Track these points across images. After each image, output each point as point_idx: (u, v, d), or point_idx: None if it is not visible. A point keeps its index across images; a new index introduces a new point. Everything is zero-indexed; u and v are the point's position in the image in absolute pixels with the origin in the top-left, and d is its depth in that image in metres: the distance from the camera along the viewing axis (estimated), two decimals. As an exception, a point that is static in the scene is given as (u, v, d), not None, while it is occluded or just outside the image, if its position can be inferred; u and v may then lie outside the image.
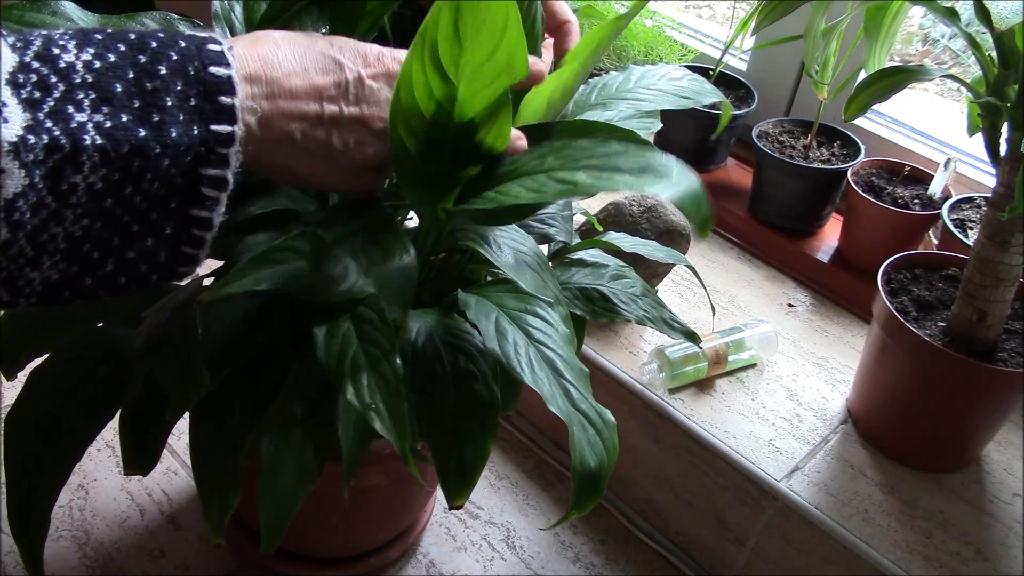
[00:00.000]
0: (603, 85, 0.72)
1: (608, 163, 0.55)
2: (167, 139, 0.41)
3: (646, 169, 0.54)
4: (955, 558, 0.81)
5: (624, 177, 0.53)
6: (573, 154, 0.56)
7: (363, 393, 0.52)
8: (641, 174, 0.53)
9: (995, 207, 0.75)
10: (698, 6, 1.61)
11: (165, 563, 0.89)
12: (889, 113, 1.20)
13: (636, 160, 0.54)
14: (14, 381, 0.67)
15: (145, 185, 0.41)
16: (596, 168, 0.54)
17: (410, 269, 0.53)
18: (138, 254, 0.43)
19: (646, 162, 0.54)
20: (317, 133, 0.48)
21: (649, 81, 0.72)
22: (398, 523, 0.89)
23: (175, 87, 0.41)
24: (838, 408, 0.96)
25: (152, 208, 0.42)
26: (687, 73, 0.73)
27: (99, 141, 0.39)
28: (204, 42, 0.43)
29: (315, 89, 0.47)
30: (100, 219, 0.41)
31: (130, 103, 0.40)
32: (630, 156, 0.54)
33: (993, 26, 0.69)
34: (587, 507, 0.54)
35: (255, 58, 0.45)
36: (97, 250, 0.42)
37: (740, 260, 1.17)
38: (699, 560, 0.96)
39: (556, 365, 0.56)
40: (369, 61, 0.50)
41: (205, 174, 0.43)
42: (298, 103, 0.47)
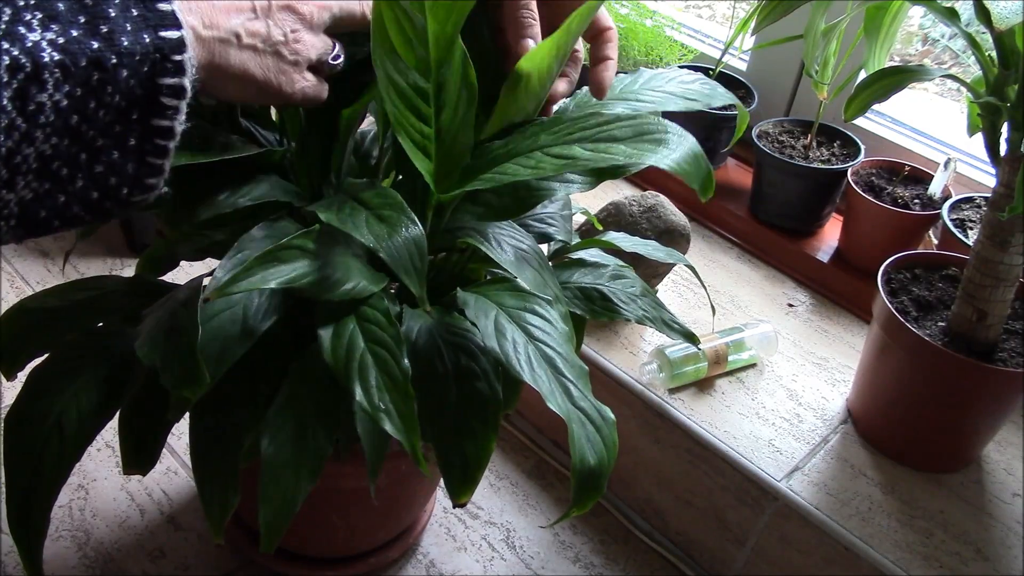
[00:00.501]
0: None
1: (602, 133, 0.55)
2: (120, 48, 0.41)
3: (642, 134, 0.54)
4: (955, 558, 0.81)
5: (620, 147, 0.53)
6: (564, 128, 0.56)
7: (372, 395, 0.52)
8: (638, 141, 0.53)
9: (995, 207, 0.75)
10: (698, 6, 1.61)
11: (165, 563, 0.89)
12: (889, 113, 1.20)
13: (630, 127, 0.54)
14: (14, 381, 0.67)
15: (107, 98, 0.42)
16: (590, 140, 0.54)
17: (419, 239, 0.53)
18: (106, 167, 0.44)
19: (640, 127, 0.54)
20: (257, 26, 0.49)
21: (657, 83, 0.71)
22: (398, 523, 0.89)
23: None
24: (838, 408, 0.96)
25: (115, 121, 0.43)
26: (699, 77, 0.73)
27: (57, 56, 0.39)
28: None
29: None
30: (67, 136, 0.42)
31: (76, 18, 0.41)
32: (623, 124, 0.54)
33: (993, 26, 0.69)
34: (587, 505, 0.54)
35: None
36: (67, 167, 0.43)
37: (740, 260, 1.17)
38: (699, 560, 0.96)
39: (555, 363, 0.56)
40: None
41: (163, 83, 0.43)
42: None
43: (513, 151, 0.56)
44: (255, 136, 0.67)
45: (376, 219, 0.54)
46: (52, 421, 0.61)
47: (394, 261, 0.52)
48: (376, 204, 0.56)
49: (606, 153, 0.53)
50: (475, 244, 0.61)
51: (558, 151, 0.54)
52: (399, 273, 0.52)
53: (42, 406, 0.61)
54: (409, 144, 0.56)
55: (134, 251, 1.24)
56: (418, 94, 0.55)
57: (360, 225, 0.54)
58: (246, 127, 0.67)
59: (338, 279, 0.55)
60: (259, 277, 0.52)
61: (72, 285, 0.68)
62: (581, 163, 0.52)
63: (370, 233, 0.53)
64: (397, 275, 0.52)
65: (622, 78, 0.72)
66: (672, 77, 0.72)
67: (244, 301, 0.60)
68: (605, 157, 0.52)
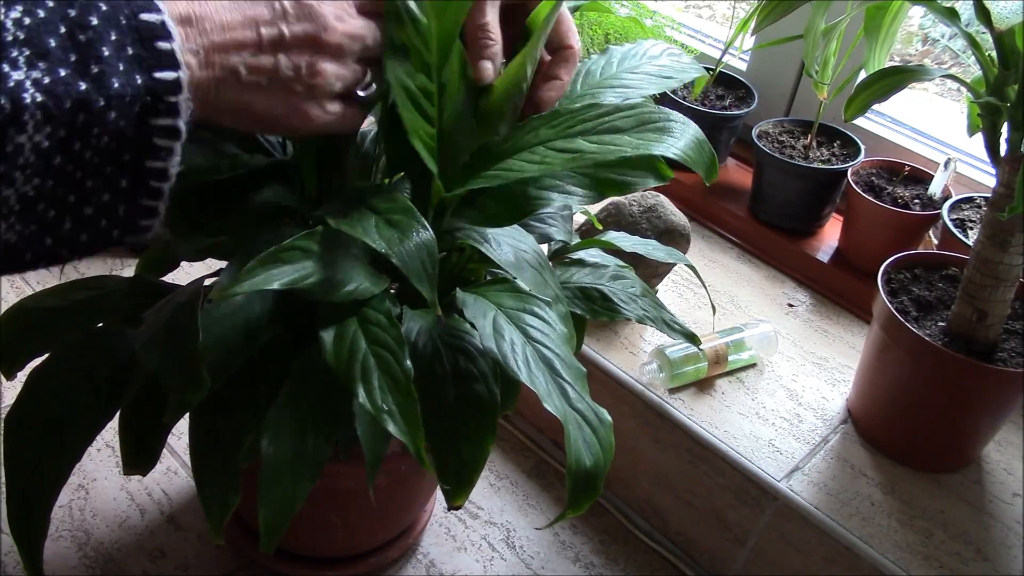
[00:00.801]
0: (586, 72, 0.71)
1: (604, 124, 0.55)
2: (110, 90, 0.40)
3: (645, 124, 0.54)
4: (955, 558, 0.81)
5: (625, 137, 0.53)
6: (565, 121, 0.56)
7: (375, 396, 0.52)
8: (642, 131, 0.53)
9: (995, 207, 0.75)
10: (698, 6, 1.61)
11: (165, 563, 0.89)
12: (889, 113, 1.20)
13: (632, 116, 0.54)
14: (14, 381, 0.67)
15: (94, 140, 0.41)
16: (593, 132, 0.54)
17: (430, 244, 0.53)
18: (96, 209, 0.43)
19: (642, 116, 0.54)
20: (262, 61, 0.47)
21: (632, 63, 0.71)
22: (398, 523, 0.89)
23: (109, 37, 0.41)
24: (838, 408, 0.96)
25: (105, 162, 0.42)
26: (666, 48, 0.73)
27: (39, 98, 0.38)
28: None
29: (248, 18, 0.46)
30: (52, 177, 0.40)
31: (66, 57, 0.39)
32: (624, 114, 0.55)
33: (993, 26, 0.69)
34: (583, 507, 0.54)
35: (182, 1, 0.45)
36: (53, 209, 0.41)
37: (740, 260, 1.17)
38: (699, 560, 0.96)
39: (553, 364, 0.56)
40: None
41: (156, 124, 0.42)
42: (232, 33, 0.46)
43: (515, 146, 0.56)
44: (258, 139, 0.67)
45: (386, 224, 0.54)
46: (52, 421, 0.61)
47: (406, 266, 0.52)
48: (385, 209, 0.56)
49: (612, 145, 0.53)
50: (475, 245, 0.61)
51: (562, 145, 0.54)
52: (411, 278, 0.52)
53: (42, 406, 0.61)
54: (421, 147, 0.56)
55: (134, 251, 1.24)
56: (424, 96, 0.55)
57: (370, 230, 0.53)
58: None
59: (340, 280, 0.55)
60: (262, 278, 0.52)
61: (72, 285, 0.68)
62: (588, 156, 0.52)
63: (380, 238, 0.53)
64: (410, 280, 0.52)
65: (597, 60, 0.71)
66: (642, 53, 0.72)
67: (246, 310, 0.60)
68: (612, 149, 0.52)
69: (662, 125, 0.54)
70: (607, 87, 0.69)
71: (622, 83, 0.69)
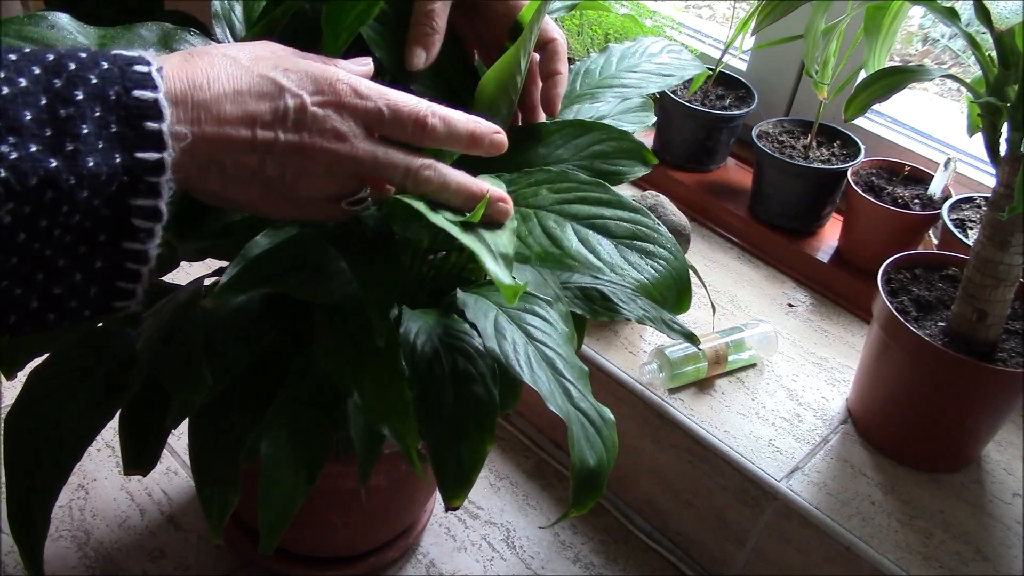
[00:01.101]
0: (586, 71, 0.71)
1: (597, 221, 0.54)
2: (82, 169, 0.38)
3: (633, 238, 0.54)
4: (955, 558, 0.81)
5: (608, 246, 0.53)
6: (568, 188, 0.55)
7: (368, 397, 0.52)
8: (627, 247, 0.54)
9: (995, 207, 0.75)
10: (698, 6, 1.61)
11: (165, 563, 0.89)
12: (889, 113, 1.20)
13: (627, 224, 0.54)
14: (14, 381, 0.67)
15: (62, 218, 0.39)
16: (585, 224, 0.54)
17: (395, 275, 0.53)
18: (66, 290, 0.41)
19: (635, 228, 0.54)
20: (248, 160, 0.45)
21: (631, 62, 0.71)
22: (398, 523, 0.89)
23: (92, 113, 0.39)
24: (838, 408, 0.96)
25: (78, 242, 0.40)
26: (665, 45, 0.73)
27: (2, 174, 0.36)
28: (130, 62, 0.41)
29: (247, 115, 0.44)
30: (15, 254, 0.39)
31: (40, 132, 0.38)
32: (622, 214, 0.54)
33: (993, 26, 0.69)
34: (586, 506, 0.54)
35: (183, 79, 0.43)
36: (19, 286, 0.40)
37: (740, 260, 1.17)
38: (699, 560, 0.96)
39: (555, 364, 0.56)
40: (320, 87, 0.46)
41: (134, 204, 0.40)
42: (226, 128, 0.44)
43: (517, 193, 0.55)
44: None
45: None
46: (52, 421, 0.61)
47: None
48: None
49: (593, 255, 0.51)
50: (475, 245, 0.61)
51: (552, 227, 0.52)
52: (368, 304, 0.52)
53: (42, 406, 0.61)
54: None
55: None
56: None
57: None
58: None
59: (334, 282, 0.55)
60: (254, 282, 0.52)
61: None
62: (567, 261, 0.51)
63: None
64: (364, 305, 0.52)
65: (596, 59, 0.72)
66: (642, 51, 0.72)
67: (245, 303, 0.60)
68: (590, 262, 0.51)
69: (650, 248, 0.52)
70: (606, 87, 0.69)
71: (621, 82, 0.69)
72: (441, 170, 0.49)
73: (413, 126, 0.48)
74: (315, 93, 0.46)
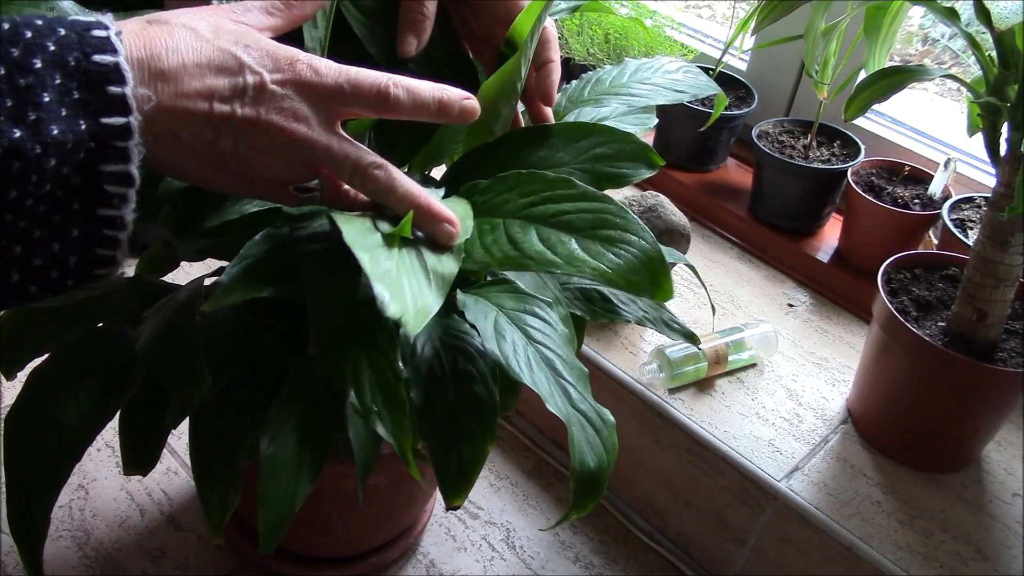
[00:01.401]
0: (596, 80, 0.71)
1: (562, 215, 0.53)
2: (47, 137, 0.38)
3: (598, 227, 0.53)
4: (955, 558, 0.81)
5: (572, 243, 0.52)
6: (538, 192, 0.54)
7: (364, 396, 0.51)
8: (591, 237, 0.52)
9: (995, 207, 0.75)
10: (698, 6, 1.61)
11: (165, 563, 0.89)
12: (889, 113, 1.20)
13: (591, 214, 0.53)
14: (14, 381, 0.67)
15: (32, 188, 0.38)
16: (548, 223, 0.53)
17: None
18: (45, 260, 0.41)
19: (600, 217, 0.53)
20: (203, 133, 0.44)
21: (644, 75, 0.71)
22: (398, 523, 0.89)
23: (53, 81, 0.38)
24: (838, 408, 0.96)
25: (52, 211, 0.40)
26: (683, 65, 0.73)
27: None
28: (88, 27, 0.40)
29: (206, 88, 0.43)
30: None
31: (1, 103, 0.37)
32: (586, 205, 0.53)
33: (993, 26, 0.69)
34: (587, 507, 0.54)
35: (140, 47, 0.42)
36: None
37: (740, 260, 1.17)
38: (699, 560, 0.96)
39: (555, 365, 0.56)
40: (279, 66, 0.45)
41: (104, 170, 0.40)
42: (183, 100, 0.43)
43: (487, 205, 0.55)
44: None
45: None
46: (52, 421, 0.61)
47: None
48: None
49: (551, 251, 0.51)
50: (475, 246, 0.61)
51: (515, 232, 0.52)
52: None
53: (42, 406, 0.61)
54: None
55: (134, 251, 1.24)
56: None
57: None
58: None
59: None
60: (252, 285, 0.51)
61: (72, 285, 0.68)
62: (526, 261, 0.51)
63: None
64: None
65: (609, 70, 0.72)
66: (658, 67, 0.72)
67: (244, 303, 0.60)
68: (547, 258, 0.50)
69: (613, 235, 0.52)
70: (612, 94, 0.69)
71: (629, 92, 0.69)
72: (392, 173, 0.48)
73: (375, 97, 0.47)
74: (275, 71, 0.45)
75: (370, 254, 0.45)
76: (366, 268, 0.43)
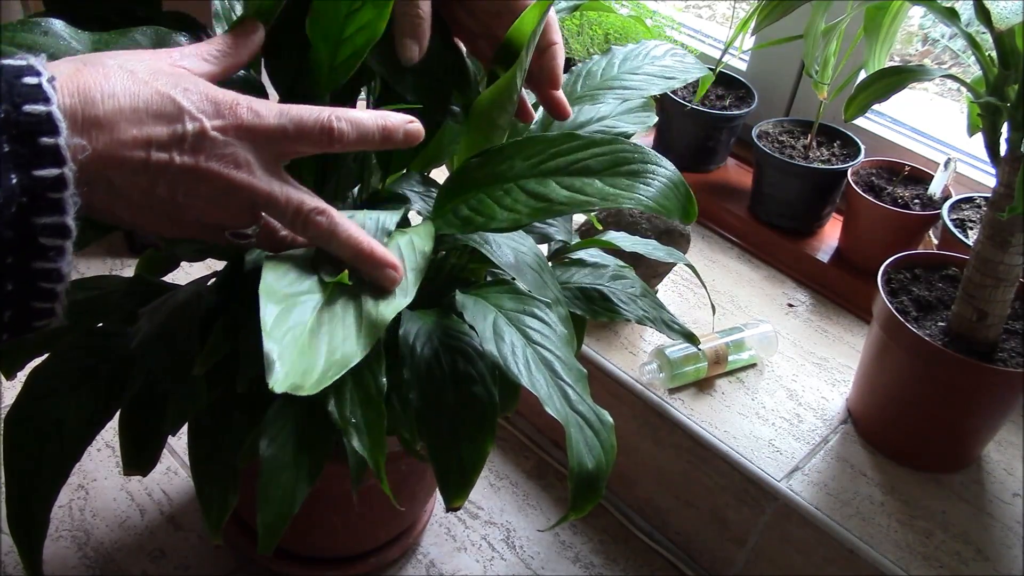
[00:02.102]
0: (587, 73, 0.71)
1: (577, 164, 0.53)
2: None
3: (618, 165, 0.53)
4: (955, 558, 0.81)
5: (596, 184, 0.52)
6: (539, 151, 0.54)
7: (344, 407, 0.51)
8: (613, 176, 0.53)
9: (995, 207, 0.75)
10: (698, 6, 1.61)
11: (165, 563, 0.89)
12: (889, 113, 1.20)
13: (607, 156, 0.53)
14: (14, 381, 0.67)
15: None
16: (565, 173, 0.54)
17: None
18: None
19: (617, 156, 0.53)
20: (139, 180, 0.43)
21: (633, 64, 0.71)
22: (398, 523, 0.89)
23: None
24: (838, 408, 0.96)
25: None
26: (669, 48, 0.73)
27: None
28: (19, 74, 0.39)
29: (144, 136, 0.42)
30: None
31: None
32: (599, 151, 0.53)
33: (993, 26, 0.69)
34: (585, 509, 0.54)
35: (74, 93, 0.40)
36: None
37: (740, 260, 1.17)
38: (699, 560, 0.96)
39: (554, 366, 0.56)
40: (220, 111, 0.44)
41: (39, 223, 0.38)
42: (120, 149, 0.42)
43: (489, 175, 0.55)
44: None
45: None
46: (52, 421, 0.61)
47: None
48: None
49: (581, 194, 0.51)
50: (474, 245, 0.61)
51: (534, 187, 0.53)
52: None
53: (42, 406, 0.61)
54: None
55: (134, 251, 1.24)
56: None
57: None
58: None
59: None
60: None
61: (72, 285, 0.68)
62: (557, 207, 0.51)
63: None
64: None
65: (598, 60, 0.71)
66: (646, 53, 0.72)
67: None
68: (579, 199, 0.51)
69: (636, 168, 0.52)
70: (607, 88, 0.69)
71: (622, 84, 0.69)
72: (334, 219, 0.48)
73: (319, 134, 0.46)
74: (215, 116, 0.44)
75: (282, 306, 0.44)
76: (266, 326, 0.42)
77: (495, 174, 0.54)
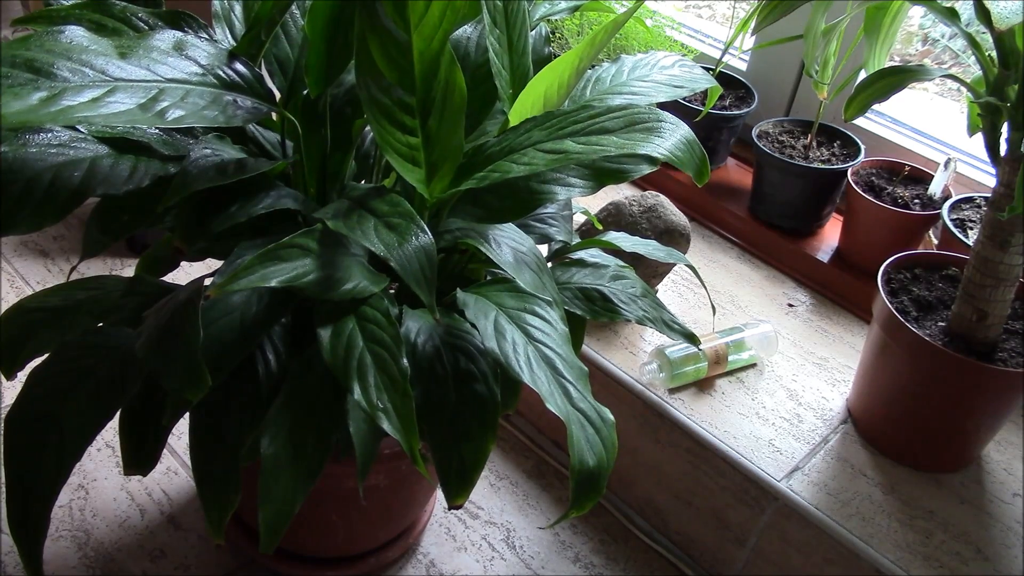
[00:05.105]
0: (596, 79, 0.72)
1: (594, 126, 0.55)
2: None
3: (633, 124, 0.55)
4: (955, 558, 0.81)
5: (612, 138, 0.54)
6: (557, 123, 0.56)
7: (370, 393, 0.52)
8: (629, 131, 0.55)
9: (995, 207, 0.75)
10: (698, 6, 1.61)
11: (165, 563, 0.89)
12: (889, 113, 1.20)
13: (621, 118, 0.55)
14: (14, 381, 0.67)
15: None
16: (582, 133, 0.56)
17: (428, 248, 0.53)
18: None
19: (631, 117, 0.55)
20: None
21: (642, 72, 0.72)
22: (398, 523, 0.89)
23: None
24: (838, 408, 0.96)
25: None
26: (678, 59, 0.73)
27: None
28: None
29: None
30: None
31: None
32: (614, 115, 0.55)
33: (993, 26, 0.69)
34: (586, 506, 0.54)
35: None
36: None
37: (740, 260, 1.17)
38: (699, 560, 0.96)
39: (555, 364, 0.56)
40: None
41: None
42: None
43: (507, 148, 0.57)
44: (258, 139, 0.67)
45: (385, 227, 0.54)
46: (52, 421, 0.61)
47: (404, 270, 0.52)
48: (385, 212, 0.56)
49: (597, 145, 0.53)
50: (475, 245, 0.61)
51: (550, 146, 0.55)
52: (409, 282, 0.52)
53: (42, 406, 0.61)
54: (395, 157, 0.56)
55: (134, 251, 1.24)
56: (402, 109, 0.55)
57: (369, 232, 0.53)
58: (251, 132, 0.67)
59: (339, 278, 0.55)
60: (259, 275, 0.52)
61: (72, 285, 0.68)
62: (573, 156, 0.53)
63: (379, 241, 0.53)
64: (407, 283, 0.52)
65: (608, 68, 0.72)
66: (654, 63, 0.73)
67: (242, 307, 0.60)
68: (596, 148, 0.53)
69: (651, 126, 0.54)
70: (615, 93, 0.69)
71: (631, 90, 0.69)
72: None
73: None
74: None
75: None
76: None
77: (513, 145, 0.56)
